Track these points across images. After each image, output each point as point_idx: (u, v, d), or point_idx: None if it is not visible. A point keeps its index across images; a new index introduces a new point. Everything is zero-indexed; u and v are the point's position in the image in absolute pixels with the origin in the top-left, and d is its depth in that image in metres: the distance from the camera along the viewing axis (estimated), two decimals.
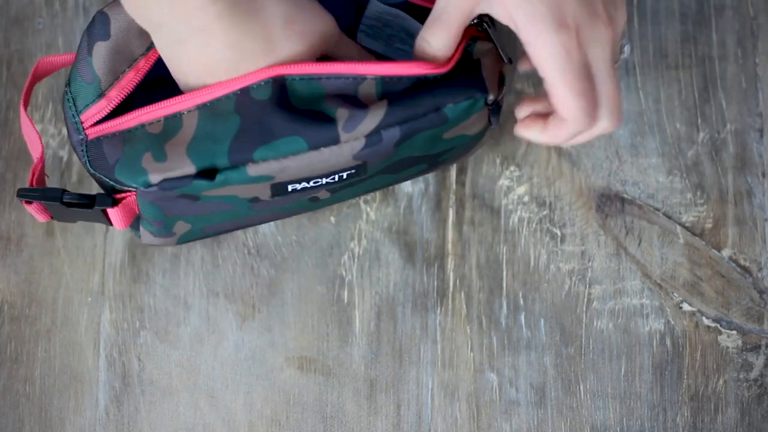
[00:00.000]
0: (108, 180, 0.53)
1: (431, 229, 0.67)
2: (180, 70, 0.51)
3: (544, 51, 0.51)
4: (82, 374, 0.66)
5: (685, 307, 0.66)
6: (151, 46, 0.53)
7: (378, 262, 0.67)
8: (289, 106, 0.51)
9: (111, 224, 0.56)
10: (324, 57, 0.53)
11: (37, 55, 0.70)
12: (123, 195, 0.53)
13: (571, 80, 0.51)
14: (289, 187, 0.54)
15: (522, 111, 0.57)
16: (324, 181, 0.54)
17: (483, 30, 0.54)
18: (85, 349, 0.66)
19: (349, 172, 0.54)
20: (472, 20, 0.54)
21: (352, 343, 0.66)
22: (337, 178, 0.54)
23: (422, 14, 0.57)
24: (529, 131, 0.55)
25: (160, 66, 0.53)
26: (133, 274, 0.67)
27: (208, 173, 0.51)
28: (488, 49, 0.54)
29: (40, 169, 0.55)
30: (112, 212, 0.54)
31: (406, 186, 0.68)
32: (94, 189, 0.68)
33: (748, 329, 0.66)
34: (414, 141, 0.53)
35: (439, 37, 0.53)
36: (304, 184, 0.54)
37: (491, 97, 0.52)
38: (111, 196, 0.54)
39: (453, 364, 0.66)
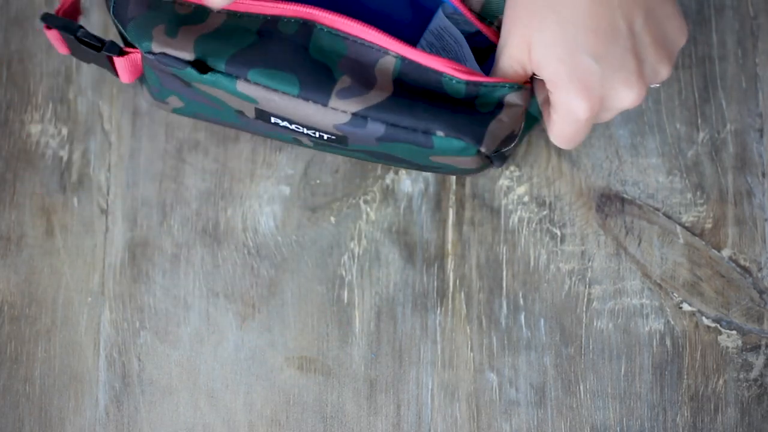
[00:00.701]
0: (122, 30, 0.54)
1: (431, 229, 0.67)
2: None
3: (558, 107, 0.51)
4: (82, 374, 0.66)
5: (685, 307, 0.66)
6: None
7: (378, 262, 0.67)
8: (305, 51, 0.52)
9: (117, 75, 0.57)
10: None
11: (37, 55, 0.70)
12: (131, 50, 0.55)
13: (570, 137, 0.52)
14: (272, 119, 0.55)
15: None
16: (305, 130, 0.55)
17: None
18: (85, 349, 0.66)
19: (329, 136, 0.54)
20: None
21: (352, 343, 0.66)
22: (317, 135, 0.55)
23: (483, 51, 0.57)
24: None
25: None
26: (133, 274, 0.67)
27: (201, 66, 0.52)
28: (516, 105, 0.52)
29: (71, 2, 0.56)
30: (118, 62, 0.55)
31: (406, 186, 0.68)
32: (94, 187, 0.68)
33: (748, 329, 0.66)
34: (397, 146, 0.53)
35: None
36: (286, 123, 0.54)
37: (483, 150, 0.52)
38: (120, 47, 0.55)
39: (453, 364, 0.66)
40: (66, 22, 0.55)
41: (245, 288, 0.67)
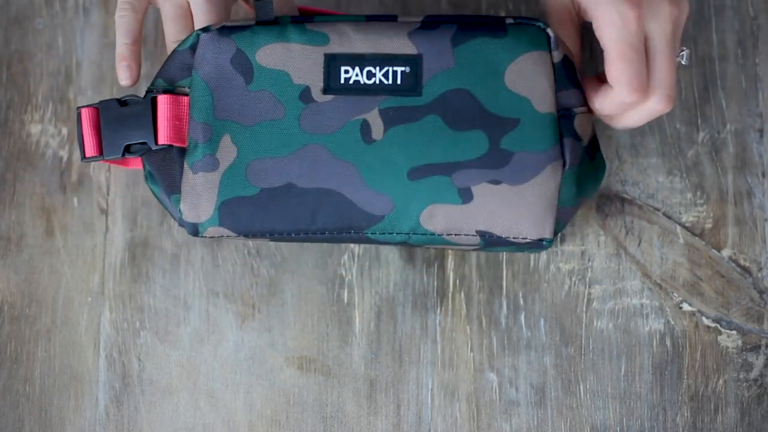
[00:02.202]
0: (166, 70, 0.55)
1: None
2: None
3: (604, 19, 0.54)
4: (82, 374, 0.66)
5: (685, 307, 0.66)
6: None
7: (378, 262, 0.67)
8: None
9: (157, 141, 0.55)
10: None
11: (37, 55, 0.70)
12: (179, 92, 0.55)
13: (623, 48, 0.54)
14: (342, 74, 0.53)
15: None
16: (378, 76, 0.53)
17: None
18: (85, 349, 0.66)
19: (402, 69, 0.53)
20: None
21: (352, 343, 0.66)
22: (390, 78, 0.53)
23: None
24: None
25: None
26: (133, 274, 0.67)
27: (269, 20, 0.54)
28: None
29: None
30: (161, 104, 0.55)
31: None
32: (94, 187, 0.68)
33: (748, 329, 0.66)
34: (472, 51, 0.54)
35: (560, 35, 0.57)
36: (357, 72, 0.53)
37: (551, 34, 0.54)
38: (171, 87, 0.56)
39: (453, 364, 0.66)
40: (106, 101, 0.56)
41: (245, 288, 0.67)
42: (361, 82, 0.53)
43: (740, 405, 0.65)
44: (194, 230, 0.56)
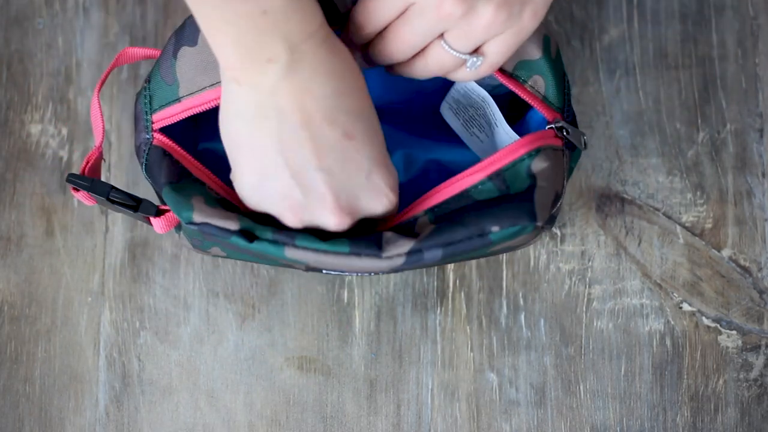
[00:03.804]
0: (157, 190, 0.53)
1: None
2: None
3: None
4: (82, 374, 0.66)
5: (685, 307, 0.66)
6: None
7: None
8: None
9: (152, 225, 0.55)
10: None
11: (37, 55, 0.70)
12: (168, 208, 0.53)
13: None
14: (324, 270, 0.54)
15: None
16: (359, 273, 0.54)
17: (562, 137, 0.53)
18: (85, 349, 0.66)
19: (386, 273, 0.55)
20: (551, 125, 0.53)
21: (352, 343, 0.66)
22: (373, 274, 0.55)
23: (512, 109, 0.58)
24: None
25: None
26: (133, 274, 0.67)
27: (247, 235, 0.51)
28: (547, 167, 0.52)
29: (95, 159, 0.54)
30: (154, 220, 0.53)
31: None
32: None
33: (748, 329, 0.66)
34: (457, 256, 0.53)
35: None
36: (339, 272, 0.54)
37: (539, 224, 0.51)
38: (157, 206, 0.53)
39: (453, 364, 0.66)
40: (95, 184, 0.52)
41: (245, 288, 0.67)
42: (344, 274, 0.55)
43: (740, 405, 0.65)
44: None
